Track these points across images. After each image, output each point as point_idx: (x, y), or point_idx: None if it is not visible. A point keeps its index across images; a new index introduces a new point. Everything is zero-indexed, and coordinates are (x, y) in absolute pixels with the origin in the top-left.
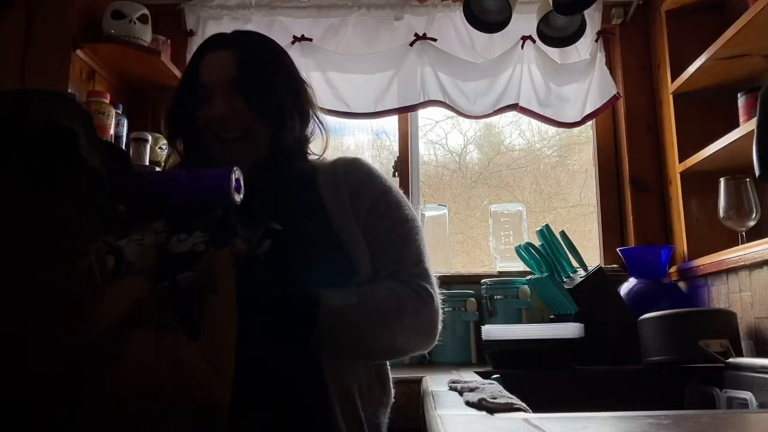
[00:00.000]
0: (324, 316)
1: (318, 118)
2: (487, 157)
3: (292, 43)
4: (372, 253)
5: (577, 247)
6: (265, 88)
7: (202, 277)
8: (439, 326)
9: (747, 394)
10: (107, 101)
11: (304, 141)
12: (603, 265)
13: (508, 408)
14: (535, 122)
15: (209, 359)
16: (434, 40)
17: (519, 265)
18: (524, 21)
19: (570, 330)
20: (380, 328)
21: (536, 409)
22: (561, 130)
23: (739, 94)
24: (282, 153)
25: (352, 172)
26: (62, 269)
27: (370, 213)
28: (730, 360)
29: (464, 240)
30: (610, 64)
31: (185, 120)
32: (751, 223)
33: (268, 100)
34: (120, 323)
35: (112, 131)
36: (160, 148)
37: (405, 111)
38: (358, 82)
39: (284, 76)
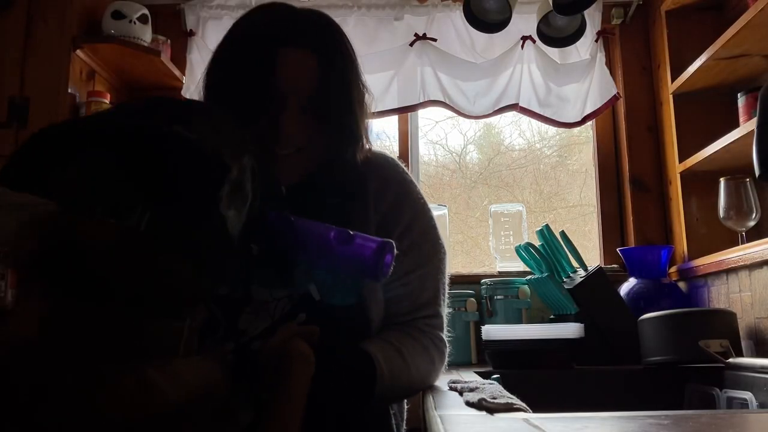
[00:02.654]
0: (380, 384)
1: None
2: (487, 157)
3: None
4: (391, 295)
5: (577, 247)
6: (344, 108)
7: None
8: None
9: (747, 394)
10: (107, 101)
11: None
12: (603, 265)
13: (508, 408)
14: (535, 122)
15: None
16: (434, 40)
17: (519, 265)
18: (524, 21)
19: (570, 330)
20: (418, 386)
21: (536, 409)
22: (561, 130)
23: (739, 94)
24: (336, 172)
25: (383, 199)
26: (156, 326)
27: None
28: (730, 360)
29: (464, 240)
30: (610, 64)
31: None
32: (751, 223)
33: (344, 123)
34: (181, 407)
35: None
36: None
37: (405, 111)
38: None
39: (358, 88)
